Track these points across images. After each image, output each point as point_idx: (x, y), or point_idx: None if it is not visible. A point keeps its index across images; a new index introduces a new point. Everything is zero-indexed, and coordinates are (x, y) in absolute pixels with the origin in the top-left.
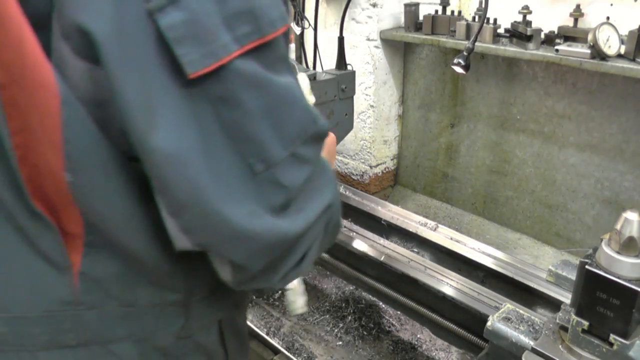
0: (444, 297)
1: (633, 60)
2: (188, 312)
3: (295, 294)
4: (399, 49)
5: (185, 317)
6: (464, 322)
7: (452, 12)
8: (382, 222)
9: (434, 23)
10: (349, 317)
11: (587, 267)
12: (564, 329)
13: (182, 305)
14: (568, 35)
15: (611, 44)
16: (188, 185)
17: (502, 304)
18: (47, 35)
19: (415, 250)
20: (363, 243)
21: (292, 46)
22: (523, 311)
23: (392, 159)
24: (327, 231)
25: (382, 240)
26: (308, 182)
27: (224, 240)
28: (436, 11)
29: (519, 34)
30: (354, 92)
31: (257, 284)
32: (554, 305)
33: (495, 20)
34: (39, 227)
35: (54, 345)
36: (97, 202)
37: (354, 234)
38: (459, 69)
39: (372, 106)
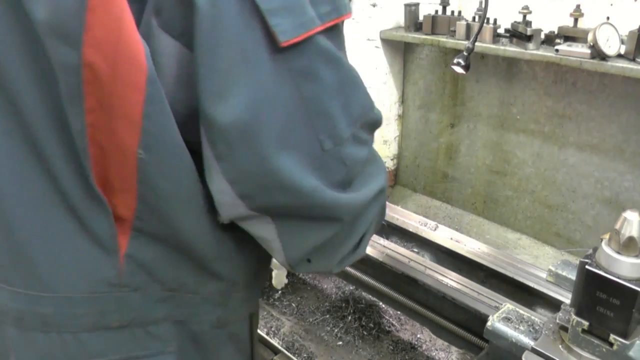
0: (444, 297)
1: (633, 60)
2: (226, 302)
3: (280, 274)
4: (399, 49)
5: (223, 307)
6: (464, 322)
7: (452, 12)
8: (382, 222)
9: (434, 23)
10: (349, 317)
11: (587, 267)
12: (564, 329)
13: (222, 295)
14: (568, 35)
15: (611, 44)
16: (253, 152)
17: (502, 304)
18: (139, 8)
19: (415, 250)
20: None
21: None
22: (523, 311)
23: (392, 159)
24: (382, 217)
25: (382, 240)
26: (366, 164)
27: (289, 206)
28: (436, 11)
29: (519, 34)
30: None
31: (315, 266)
32: (554, 305)
33: (495, 20)
34: (93, 209)
35: (96, 327)
36: (163, 180)
37: None
38: (459, 69)
39: None
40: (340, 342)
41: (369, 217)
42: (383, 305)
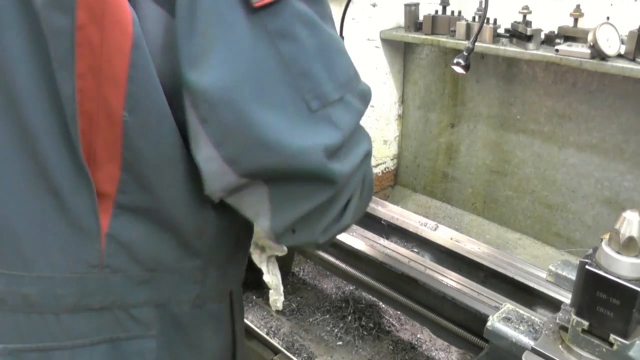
0: (444, 297)
1: (633, 60)
2: (205, 279)
3: (276, 293)
4: (399, 49)
5: (201, 284)
6: (464, 322)
7: (452, 12)
8: (382, 222)
9: (434, 23)
10: (349, 317)
11: (587, 267)
12: (564, 329)
13: (200, 271)
14: (568, 35)
15: (611, 44)
16: (236, 111)
17: (502, 304)
18: None
19: (415, 250)
20: (363, 243)
21: None
22: (523, 311)
23: (392, 159)
24: (364, 187)
25: (382, 240)
26: (355, 131)
27: (277, 169)
28: (436, 11)
29: (519, 34)
30: None
31: (298, 236)
32: (554, 305)
33: (495, 20)
34: (76, 187)
35: (78, 308)
36: (147, 144)
37: (354, 234)
38: (459, 69)
39: (372, 106)
40: (340, 342)
41: (354, 182)
42: (383, 305)
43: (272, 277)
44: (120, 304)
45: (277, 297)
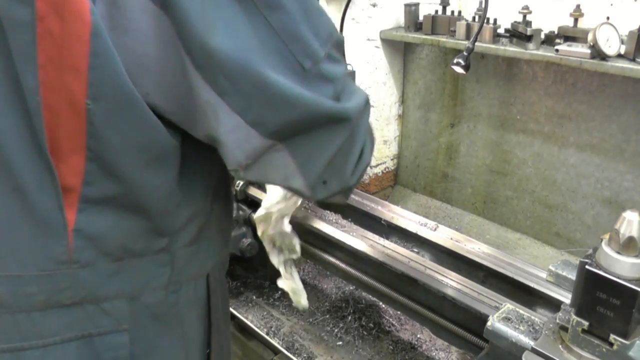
0: (444, 297)
1: (633, 60)
2: (173, 259)
3: (298, 293)
4: (399, 49)
5: (171, 266)
6: (464, 322)
7: (452, 12)
8: (382, 222)
9: (434, 23)
10: (349, 317)
11: (587, 267)
12: (564, 329)
13: (167, 252)
14: (568, 35)
15: (611, 44)
16: (253, 78)
17: (502, 304)
18: None
19: (415, 250)
20: (363, 243)
21: None
22: (523, 311)
23: (392, 159)
24: (369, 137)
25: (382, 240)
26: (346, 81)
27: (298, 121)
28: (436, 11)
29: (519, 34)
30: None
31: (331, 185)
32: (554, 305)
33: (495, 20)
34: (41, 182)
35: (49, 305)
36: (111, 131)
37: (354, 234)
38: (459, 69)
39: (372, 106)
40: (340, 342)
41: (364, 123)
42: (383, 305)
43: (287, 282)
44: (91, 298)
45: (299, 299)
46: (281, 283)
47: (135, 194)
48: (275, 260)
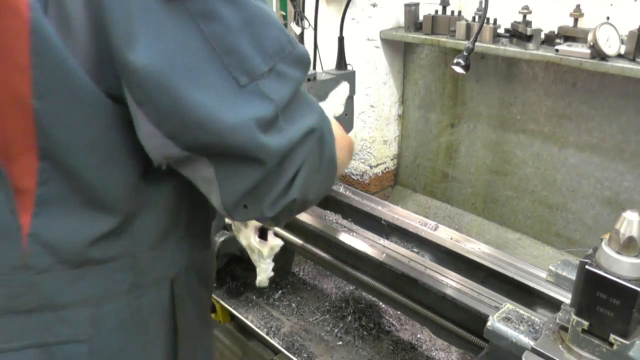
0: (444, 297)
1: (633, 60)
2: (135, 265)
3: (262, 271)
4: (399, 49)
5: (132, 271)
6: (464, 322)
7: (452, 12)
8: (382, 222)
9: (434, 23)
10: (349, 317)
11: (587, 267)
12: (564, 329)
13: (128, 257)
14: (568, 35)
15: (611, 44)
16: (169, 95)
17: (502, 304)
18: None
19: (415, 250)
20: (363, 243)
21: None
22: (523, 311)
23: (392, 159)
24: (322, 161)
25: (382, 240)
26: (292, 102)
27: (216, 144)
28: (436, 11)
29: (519, 34)
30: (354, 92)
31: (249, 211)
32: (554, 305)
33: (495, 20)
34: None
35: (5, 311)
36: (61, 129)
37: (354, 234)
38: (459, 69)
39: (372, 106)
40: (340, 342)
41: (298, 158)
42: (383, 305)
43: (258, 254)
44: (49, 305)
45: (262, 276)
46: (252, 255)
47: (93, 194)
48: (242, 236)
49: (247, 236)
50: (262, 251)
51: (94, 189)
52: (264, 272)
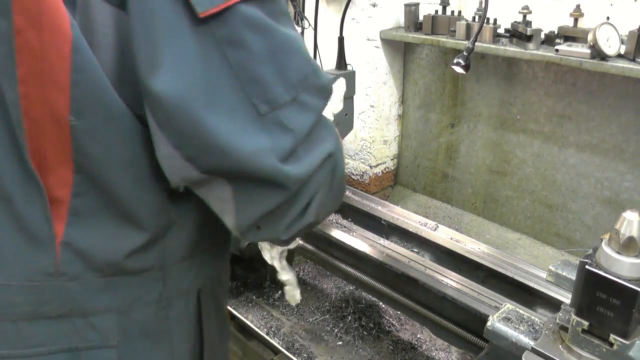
0: (444, 297)
1: (633, 60)
2: (165, 276)
3: (293, 289)
4: (399, 49)
5: (162, 282)
6: (464, 322)
7: (452, 12)
8: (382, 222)
9: (434, 23)
10: (349, 317)
11: (587, 267)
12: (564, 329)
13: (159, 269)
14: (568, 35)
15: (611, 44)
16: (190, 120)
17: (502, 304)
18: None
19: (415, 250)
20: (363, 243)
21: None
22: (523, 311)
23: (392, 159)
24: (333, 184)
25: (382, 240)
26: (312, 130)
27: (235, 169)
28: (436, 11)
29: (519, 34)
30: (354, 92)
31: (263, 233)
32: (554, 305)
33: (495, 20)
34: (27, 195)
35: (35, 316)
36: (96, 146)
37: (354, 234)
38: (459, 69)
39: (372, 106)
40: (340, 342)
41: (316, 183)
42: (383, 305)
43: (286, 273)
44: (78, 311)
45: (294, 292)
46: (282, 275)
47: (126, 208)
48: (268, 255)
49: (273, 257)
50: (289, 279)
51: (126, 204)
52: (291, 297)
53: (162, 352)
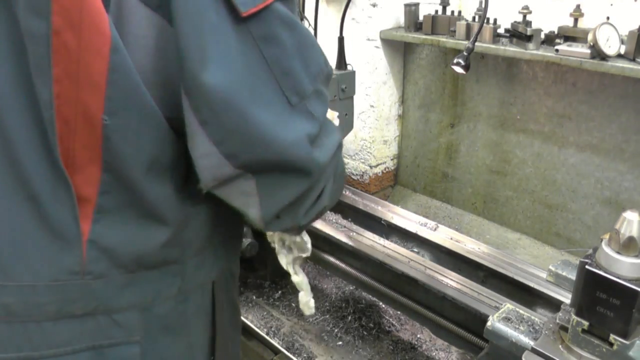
0: (444, 297)
1: (633, 60)
2: (184, 270)
3: (307, 294)
4: (399, 49)
5: (181, 276)
6: (464, 322)
7: (452, 12)
8: (382, 222)
9: (434, 23)
10: (349, 317)
11: (587, 267)
12: (564, 329)
13: (178, 262)
14: (568, 35)
15: (611, 44)
16: (236, 113)
17: (502, 304)
18: None
19: (415, 250)
20: (363, 243)
21: None
22: (523, 311)
23: (392, 159)
24: (337, 175)
25: (382, 240)
26: (326, 119)
27: (271, 161)
28: (436, 11)
29: (519, 34)
30: (354, 92)
31: (283, 221)
32: (554, 305)
33: (495, 20)
34: (55, 195)
35: (60, 315)
36: (126, 145)
37: (354, 234)
38: (459, 69)
39: (372, 106)
40: (340, 342)
41: (330, 170)
42: (383, 305)
43: (300, 277)
44: (103, 309)
45: (308, 299)
46: (295, 278)
47: (150, 203)
48: (284, 260)
49: (288, 262)
50: (302, 282)
51: (150, 202)
52: (305, 304)
53: (181, 345)
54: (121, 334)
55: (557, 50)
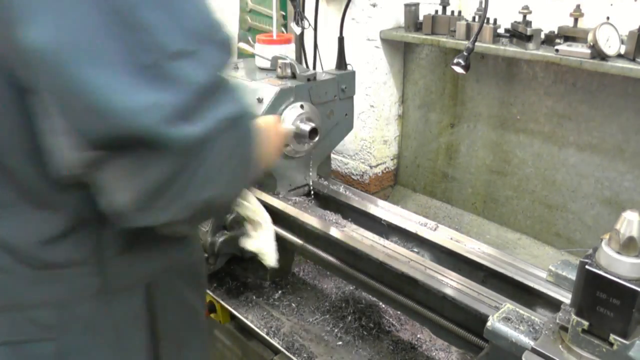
0: (444, 297)
1: (633, 60)
2: (103, 269)
3: (264, 253)
4: (399, 49)
5: (102, 275)
6: (464, 322)
7: (452, 12)
8: (382, 222)
9: (434, 23)
10: (349, 317)
11: (587, 267)
12: (564, 329)
13: (95, 263)
14: (568, 35)
15: (611, 44)
16: (70, 75)
17: (502, 304)
18: None
19: (415, 250)
20: (363, 243)
21: (292, 46)
22: (523, 311)
23: (392, 159)
24: (237, 154)
25: (382, 240)
26: (210, 89)
27: (109, 138)
28: (436, 11)
29: (519, 34)
30: (354, 92)
31: (150, 212)
32: (554, 305)
33: (495, 20)
34: None
35: None
36: None
37: (354, 233)
38: (459, 69)
39: (372, 106)
40: (340, 342)
41: (212, 151)
42: (383, 305)
43: (252, 241)
44: (14, 305)
45: (264, 257)
46: (246, 244)
47: (37, 195)
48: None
49: (249, 202)
50: (261, 215)
51: (40, 192)
52: (268, 250)
53: (107, 347)
54: (35, 331)
55: (557, 50)
